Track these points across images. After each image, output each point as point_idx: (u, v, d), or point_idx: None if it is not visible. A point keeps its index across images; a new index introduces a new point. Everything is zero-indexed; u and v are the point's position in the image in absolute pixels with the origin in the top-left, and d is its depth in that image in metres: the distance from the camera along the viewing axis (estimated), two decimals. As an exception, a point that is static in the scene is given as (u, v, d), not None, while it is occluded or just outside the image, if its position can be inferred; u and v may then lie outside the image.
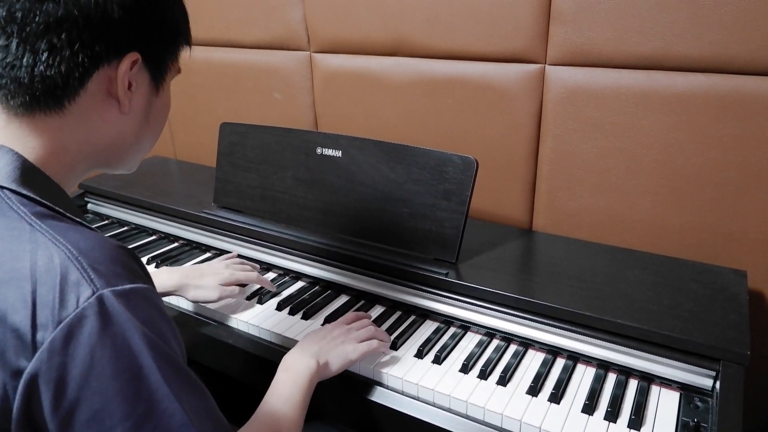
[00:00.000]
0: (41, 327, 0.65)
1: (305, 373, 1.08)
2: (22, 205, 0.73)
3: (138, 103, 0.86)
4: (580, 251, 1.46)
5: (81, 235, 0.72)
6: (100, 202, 1.93)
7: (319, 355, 1.13)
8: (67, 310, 0.65)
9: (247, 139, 1.62)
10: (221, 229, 1.65)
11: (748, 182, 1.36)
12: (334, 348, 1.16)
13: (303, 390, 1.05)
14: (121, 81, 0.80)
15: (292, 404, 1.02)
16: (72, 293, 0.66)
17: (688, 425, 1.04)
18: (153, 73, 0.86)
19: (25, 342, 0.65)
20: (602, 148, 1.49)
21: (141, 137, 0.90)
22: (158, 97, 0.89)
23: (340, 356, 1.15)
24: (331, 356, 1.14)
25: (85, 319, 0.66)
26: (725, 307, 1.20)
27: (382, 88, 1.77)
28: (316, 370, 1.10)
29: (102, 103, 0.81)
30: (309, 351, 1.13)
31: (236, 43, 2.02)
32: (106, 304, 0.67)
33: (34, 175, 0.77)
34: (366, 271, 1.42)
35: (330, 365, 1.14)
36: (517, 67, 1.55)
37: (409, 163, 1.38)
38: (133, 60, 0.80)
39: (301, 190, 1.54)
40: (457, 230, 1.34)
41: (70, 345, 0.65)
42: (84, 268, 0.68)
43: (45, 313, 0.65)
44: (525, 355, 1.24)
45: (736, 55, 1.28)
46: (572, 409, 1.09)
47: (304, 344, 1.16)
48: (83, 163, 0.85)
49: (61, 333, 0.65)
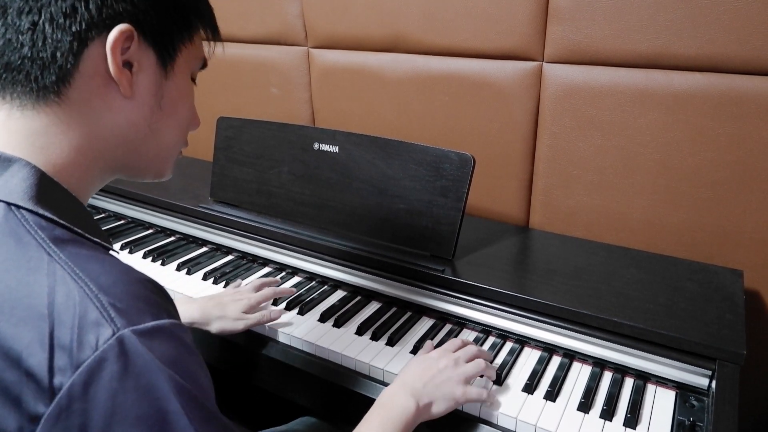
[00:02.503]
0: (59, 371, 0.60)
1: (401, 415, 0.97)
2: (40, 229, 0.67)
3: (144, 87, 0.78)
4: (576, 249, 1.46)
5: (102, 267, 0.67)
6: (97, 196, 1.92)
7: (422, 395, 1.01)
8: (85, 352, 0.60)
9: (244, 134, 1.62)
10: (217, 223, 1.64)
11: (745, 181, 1.36)
12: (440, 387, 1.04)
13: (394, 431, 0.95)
14: (112, 55, 0.73)
15: None
16: (91, 334, 0.61)
17: (684, 424, 1.04)
18: (159, 52, 0.78)
19: (42, 387, 0.60)
20: (599, 146, 1.49)
21: (156, 128, 0.82)
22: (170, 82, 0.81)
23: (447, 399, 1.03)
24: (437, 397, 1.03)
25: (105, 362, 0.61)
26: (721, 307, 1.20)
27: (379, 84, 1.76)
28: (414, 413, 0.98)
29: (103, 87, 0.75)
30: (410, 388, 1.02)
31: (233, 38, 2.02)
32: (127, 345, 0.62)
33: (51, 190, 0.72)
34: (362, 267, 1.42)
35: (432, 408, 1.02)
36: (514, 65, 1.54)
37: (405, 160, 1.38)
38: (122, 32, 0.72)
39: (297, 186, 1.54)
40: (453, 227, 1.34)
41: (90, 390, 0.60)
42: (104, 307, 0.63)
43: (63, 355, 0.61)
44: (521, 352, 1.24)
45: (734, 54, 1.29)
46: (568, 407, 1.09)
47: (407, 378, 1.05)
48: (98, 164, 0.79)
49: (80, 378, 0.60)
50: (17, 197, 0.68)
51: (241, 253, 1.63)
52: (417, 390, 1.01)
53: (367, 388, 1.18)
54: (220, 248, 1.67)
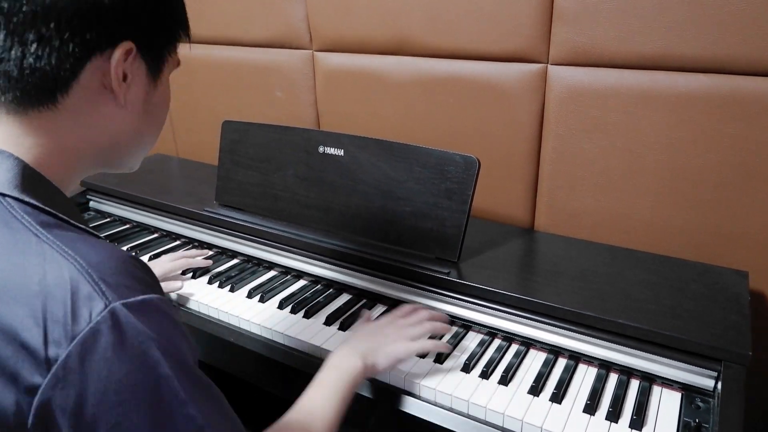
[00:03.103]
0: (54, 343, 0.64)
1: (349, 374, 1.06)
2: (26, 215, 0.70)
3: (135, 96, 0.82)
4: (582, 251, 1.46)
5: (89, 246, 0.70)
6: (102, 200, 1.93)
7: (367, 355, 1.11)
8: (80, 325, 0.64)
9: (249, 137, 1.62)
10: (222, 227, 1.65)
11: (750, 182, 1.36)
12: (384, 346, 1.14)
13: (344, 390, 1.04)
14: (115, 71, 0.77)
15: (330, 404, 1.01)
16: (84, 308, 0.65)
17: (690, 425, 1.04)
18: (150, 64, 0.83)
19: (38, 359, 0.63)
20: (604, 148, 1.49)
21: (141, 132, 0.87)
22: (156, 90, 0.86)
23: (389, 356, 1.13)
24: (379, 356, 1.12)
25: (99, 333, 0.64)
26: (726, 308, 1.20)
27: (383, 87, 1.77)
28: (361, 371, 1.08)
29: (97, 96, 0.78)
30: (357, 350, 1.11)
31: (238, 41, 2.02)
32: (119, 316, 0.66)
33: (35, 180, 0.75)
34: (367, 269, 1.42)
35: (377, 366, 1.12)
36: (519, 67, 1.55)
37: (410, 162, 1.38)
38: (126, 49, 0.77)
39: (302, 189, 1.54)
40: (458, 229, 1.34)
41: (86, 360, 0.64)
42: (95, 281, 0.66)
43: (57, 329, 0.64)
44: (526, 354, 1.24)
45: (738, 55, 1.28)
46: (574, 408, 1.09)
47: (353, 342, 1.15)
48: (83, 162, 0.83)
49: (76, 349, 0.64)
50: (2, 186, 0.72)
51: (246, 256, 1.64)
52: (362, 351, 1.11)
53: (372, 390, 1.19)
54: (225, 252, 1.68)
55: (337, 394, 1.02)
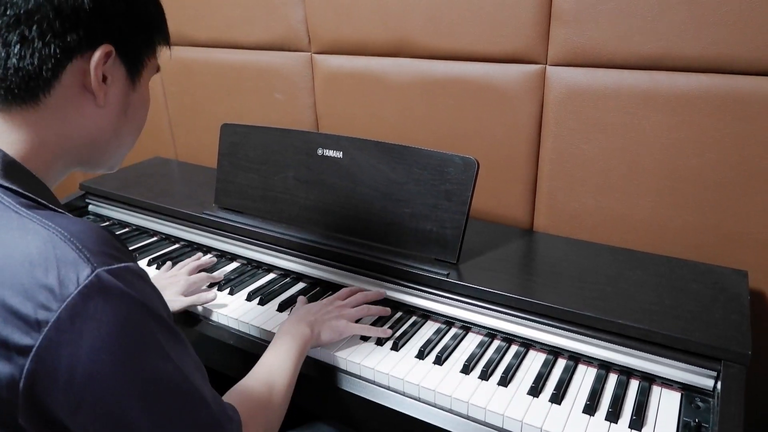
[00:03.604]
0: (43, 307, 0.66)
1: (300, 339, 1.18)
2: (7, 197, 0.74)
3: (115, 97, 0.86)
4: (581, 252, 1.46)
5: (68, 220, 0.74)
6: (101, 204, 1.93)
7: (314, 324, 1.23)
8: (68, 288, 0.67)
9: (248, 140, 1.62)
10: (222, 230, 1.65)
11: (750, 183, 1.36)
12: (328, 320, 1.26)
13: (297, 353, 1.15)
14: (95, 72, 0.80)
15: (287, 364, 1.11)
16: (71, 272, 0.68)
17: (690, 425, 1.04)
18: (129, 67, 0.87)
19: (28, 323, 0.66)
20: (603, 149, 1.49)
21: (120, 132, 0.90)
22: (135, 92, 0.90)
23: (333, 330, 1.25)
24: (324, 328, 1.24)
25: (88, 296, 0.68)
26: (726, 308, 1.20)
27: (382, 89, 1.77)
28: (310, 337, 1.20)
29: (78, 96, 0.82)
30: (305, 320, 1.24)
31: (237, 44, 2.02)
32: (105, 280, 0.69)
33: (16, 169, 0.78)
34: (367, 271, 1.42)
35: (321, 336, 1.23)
36: (518, 68, 1.55)
37: (410, 164, 1.38)
38: (105, 51, 0.80)
39: (302, 191, 1.54)
40: (458, 231, 1.34)
41: (76, 322, 0.67)
42: (79, 248, 0.69)
43: (44, 293, 0.67)
44: (526, 355, 1.24)
45: (738, 55, 1.28)
46: (573, 409, 1.09)
47: (300, 313, 1.27)
48: (63, 159, 0.86)
49: (66, 312, 0.66)
50: None
51: (245, 259, 1.63)
52: (310, 321, 1.24)
53: (371, 392, 1.18)
54: (225, 255, 1.68)
55: (291, 358, 1.13)
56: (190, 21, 2.06)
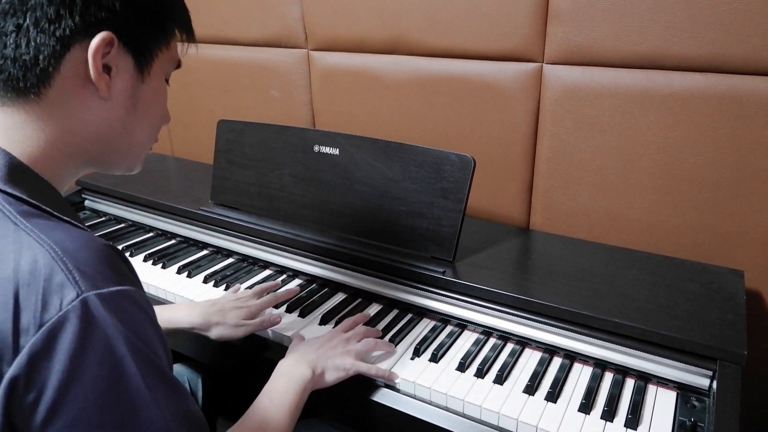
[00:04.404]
0: (23, 331, 0.63)
1: (299, 381, 1.07)
2: (7, 204, 0.71)
3: (121, 89, 0.82)
4: (578, 250, 1.46)
5: (67, 234, 0.70)
6: (97, 199, 1.92)
7: (316, 364, 1.12)
8: (49, 313, 0.63)
9: (245, 137, 1.62)
10: (218, 226, 1.64)
11: (746, 182, 1.36)
12: (331, 358, 1.15)
13: (295, 397, 1.05)
14: (93, 60, 0.76)
15: (283, 410, 1.01)
16: (56, 296, 0.64)
17: (685, 425, 1.04)
18: (136, 57, 0.82)
19: (7, 345, 0.63)
20: (600, 147, 1.49)
21: (130, 128, 0.85)
22: (145, 85, 0.85)
23: (338, 368, 1.14)
24: (328, 366, 1.14)
25: (66, 322, 0.64)
26: (722, 307, 1.20)
27: (379, 87, 1.76)
28: (310, 379, 1.09)
29: (81, 88, 0.78)
30: (305, 359, 1.13)
31: (234, 41, 2.02)
32: (90, 307, 0.65)
33: (22, 173, 0.75)
34: (363, 269, 1.42)
35: (325, 376, 1.13)
36: (514, 66, 1.54)
37: (406, 162, 1.38)
38: (104, 39, 0.76)
39: (298, 188, 1.54)
40: (454, 228, 1.34)
41: (50, 349, 0.63)
42: (69, 270, 0.66)
43: (27, 316, 0.63)
44: (522, 353, 1.24)
45: (734, 54, 1.28)
46: (569, 408, 1.09)
47: (302, 351, 1.16)
48: (73, 158, 0.83)
49: (41, 337, 0.63)
50: None
51: (241, 255, 1.63)
52: (311, 360, 1.13)
53: (369, 390, 1.18)
54: (221, 251, 1.67)
55: (287, 402, 1.03)
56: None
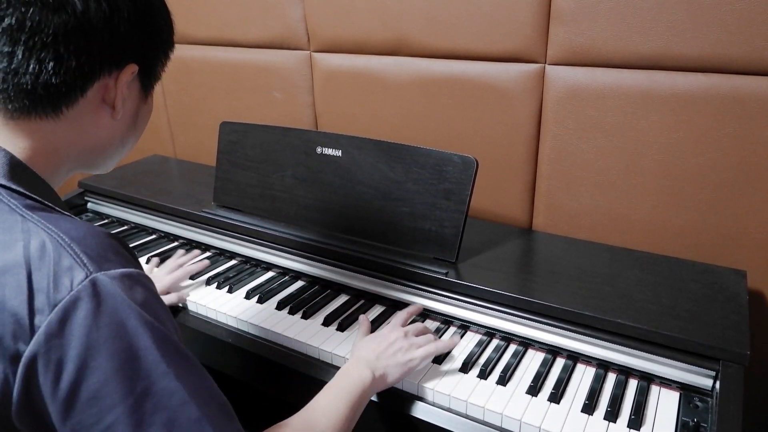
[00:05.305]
0: (38, 311, 0.67)
1: (358, 384, 1.05)
2: (13, 199, 0.75)
3: (128, 110, 0.89)
4: (580, 251, 1.46)
5: (72, 224, 0.74)
6: (100, 201, 1.93)
7: (377, 366, 1.10)
8: (61, 293, 0.67)
9: (247, 138, 1.62)
10: (221, 228, 1.65)
11: (748, 182, 1.36)
12: (394, 357, 1.13)
13: (352, 401, 1.01)
14: (119, 90, 0.84)
15: (336, 408, 0.99)
16: (66, 277, 0.68)
17: (688, 425, 1.04)
18: (144, 81, 0.90)
19: (23, 327, 0.66)
20: (602, 148, 1.49)
21: (126, 141, 0.93)
22: (145, 104, 0.94)
23: (401, 366, 1.13)
24: (391, 366, 1.12)
25: (79, 301, 0.67)
26: (725, 307, 1.20)
27: (382, 88, 1.76)
28: (370, 383, 1.07)
29: (96, 109, 0.84)
30: (365, 361, 1.11)
31: (236, 42, 2.02)
32: (100, 286, 0.69)
33: (22, 171, 0.79)
34: (365, 270, 1.42)
35: (387, 377, 1.11)
36: (517, 67, 1.54)
37: (408, 163, 1.38)
38: (133, 72, 0.84)
39: (300, 190, 1.54)
40: (456, 230, 1.34)
41: (65, 327, 0.67)
42: (76, 254, 0.70)
43: (41, 297, 0.67)
44: (525, 354, 1.24)
45: (737, 55, 1.28)
46: (572, 408, 1.09)
47: (362, 353, 1.14)
48: (69, 163, 0.88)
49: (56, 316, 0.66)
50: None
51: (244, 257, 1.63)
52: (372, 362, 1.11)
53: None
54: (224, 253, 1.68)
55: (343, 399, 1.00)
56: (189, 19, 2.06)
